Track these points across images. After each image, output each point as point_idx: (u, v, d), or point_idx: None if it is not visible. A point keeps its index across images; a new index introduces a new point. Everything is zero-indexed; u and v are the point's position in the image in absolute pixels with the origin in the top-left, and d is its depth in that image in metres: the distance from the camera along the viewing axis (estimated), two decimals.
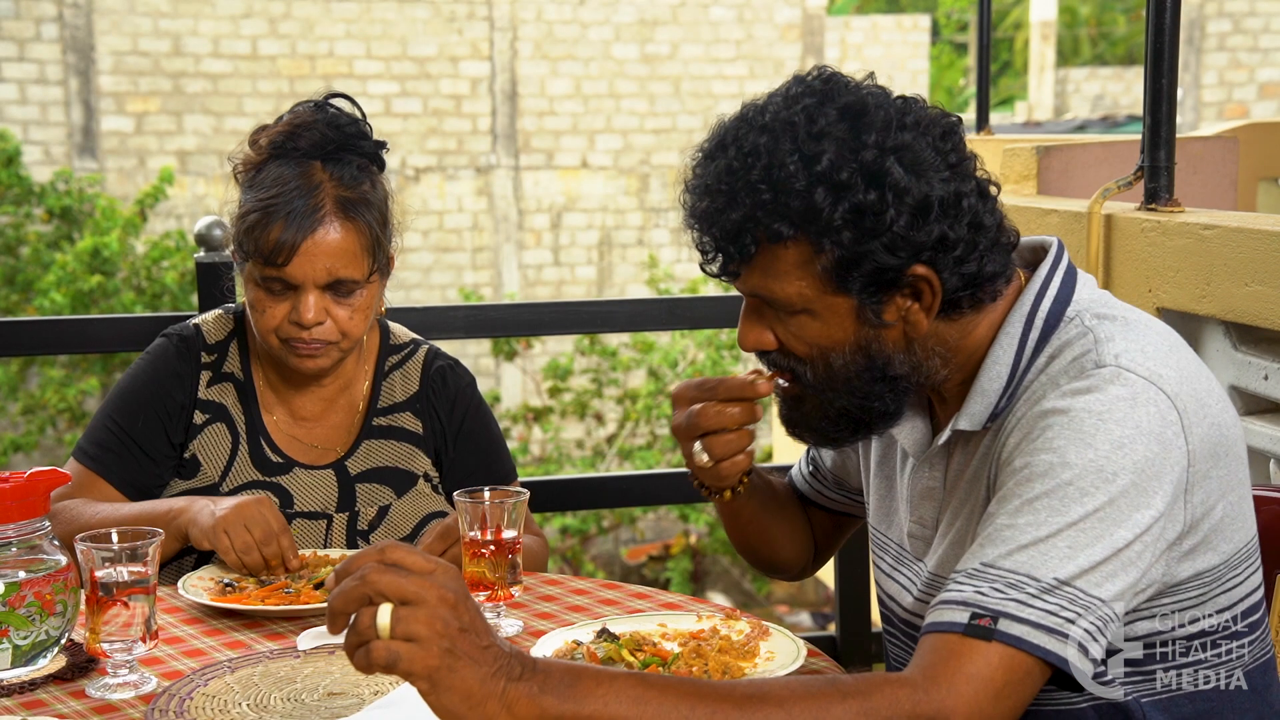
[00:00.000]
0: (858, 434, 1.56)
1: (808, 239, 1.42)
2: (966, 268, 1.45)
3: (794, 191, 1.41)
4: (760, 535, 1.84)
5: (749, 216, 1.43)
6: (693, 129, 11.84)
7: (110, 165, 10.74)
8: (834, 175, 1.40)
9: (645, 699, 1.21)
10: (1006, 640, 1.29)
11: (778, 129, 1.44)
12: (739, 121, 1.49)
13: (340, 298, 2.04)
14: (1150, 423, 1.35)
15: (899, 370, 1.50)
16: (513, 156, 11.55)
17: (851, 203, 1.40)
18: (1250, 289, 2.47)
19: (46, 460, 8.69)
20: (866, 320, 1.46)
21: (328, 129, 2.06)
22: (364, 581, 1.16)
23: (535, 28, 11.56)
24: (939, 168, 1.43)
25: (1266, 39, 12.35)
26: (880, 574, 1.71)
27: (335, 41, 11.13)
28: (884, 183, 1.40)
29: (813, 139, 1.42)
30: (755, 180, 1.43)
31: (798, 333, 1.49)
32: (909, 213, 1.41)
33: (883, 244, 1.41)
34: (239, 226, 2.06)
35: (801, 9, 12.09)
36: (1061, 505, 1.33)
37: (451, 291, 11.12)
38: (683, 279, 10.74)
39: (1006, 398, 1.48)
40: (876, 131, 1.42)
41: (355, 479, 2.16)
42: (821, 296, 1.46)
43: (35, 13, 10.52)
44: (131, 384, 2.16)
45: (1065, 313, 1.48)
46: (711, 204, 1.46)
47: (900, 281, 1.44)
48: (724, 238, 1.46)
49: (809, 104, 1.44)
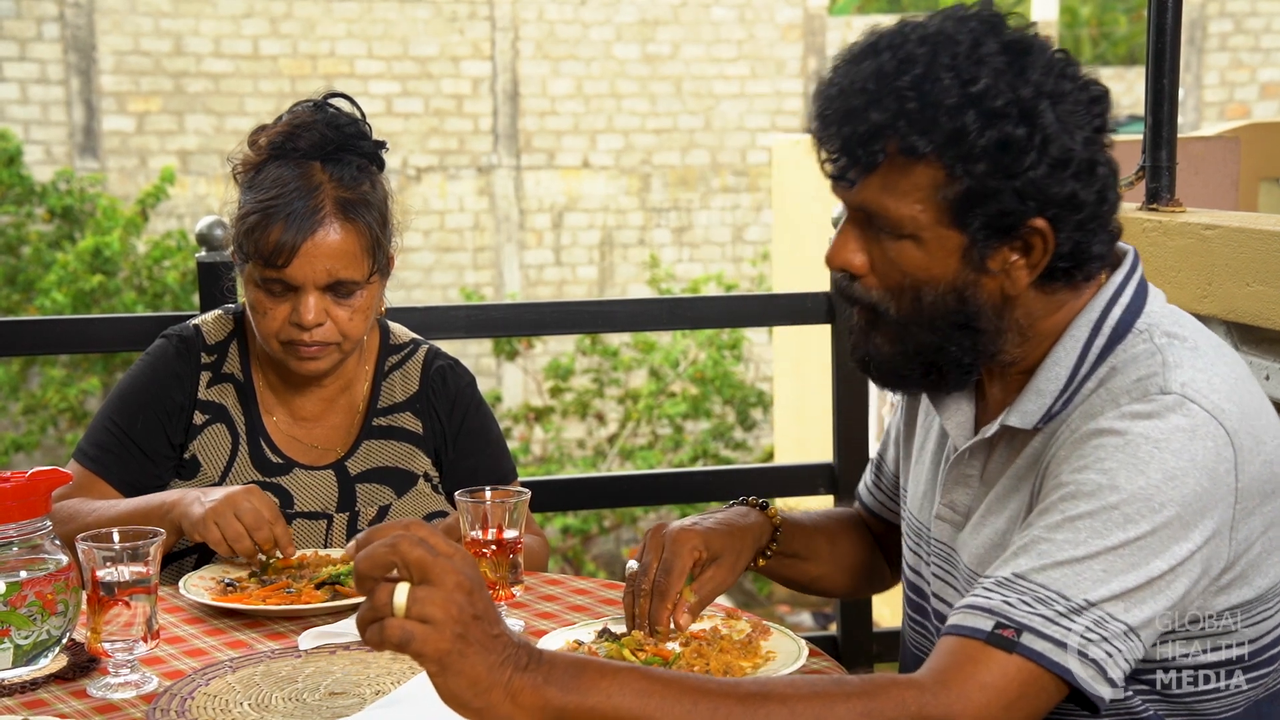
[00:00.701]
0: (927, 379, 1.51)
1: (942, 162, 1.38)
2: (1082, 235, 1.41)
3: (943, 107, 1.36)
4: (808, 579, 1.82)
5: (888, 123, 1.38)
6: (694, 129, 11.83)
7: (111, 165, 10.74)
8: (988, 101, 1.35)
9: (649, 692, 1.22)
10: (1027, 654, 1.28)
11: (939, 43, 1.38)
12: (897, 30, 1.42)
13: (340, 299, 2.04)
14: (1205, 457, 1.33)
15: (983, 325, 1.45)
16: (514, 156, 11.54)
17: (1000, 133, 1.35)
18: (1252, 289, 2.47)
19: (48, 460, 8.68)
20: (970, 262, 1.42)
21: (327, 129, 2.06)
22: (394, 549, 1.16)
23: (536, 27, 11.55)
24: (1085, 128, 1.40)
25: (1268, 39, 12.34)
26: (907, 550, 1.70)
27: (336, 41, 11.12)
28: (1035, 123, 1.36)
29: (973, 62, 1.37)
30: (904, 87, 1.37)
31: (896, 258, 1.44)
32: (1049, 162, 1.37)
33: (1016, 186, 1.37)
34: (239, 228, 2.06)
35: (803, 9, 12.08)
36: (1103, 528, 1.31)
37: (453, 291, 11.11)
38: (684, 279, 10.73)
39: (1062, 402, 1.44)
40: (1038, 71, 1.37)
41: (355, 479, 2.16)
42: (934, 226, 1.41)
43: (36, 12, 10.52)
44: (131, 385, 2.15)
45: (1135, 324, 1.44)
46: (851, 103, 1.40)
47: (1017, 230, 1.40)
48: (855, 140, 1.40)
49: (975, 28, 1.39)
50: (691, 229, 11.83)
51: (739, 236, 11.89)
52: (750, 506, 1.74)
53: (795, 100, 12.07)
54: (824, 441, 3.49)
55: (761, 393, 9.29)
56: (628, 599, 1.65)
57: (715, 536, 1.65)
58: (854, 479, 3.30)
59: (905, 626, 1.72)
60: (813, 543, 1.80)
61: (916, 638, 1.68)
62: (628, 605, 1.65)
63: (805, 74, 12.05)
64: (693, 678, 1.26)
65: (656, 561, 1.62)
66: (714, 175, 11.90)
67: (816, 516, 1.86)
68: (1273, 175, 5.81)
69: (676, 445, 9.18)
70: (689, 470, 6.10)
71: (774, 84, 12.02)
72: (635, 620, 1.63)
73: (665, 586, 1.60)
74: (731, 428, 9.26)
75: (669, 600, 1.60)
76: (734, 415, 9.28)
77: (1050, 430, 1.45)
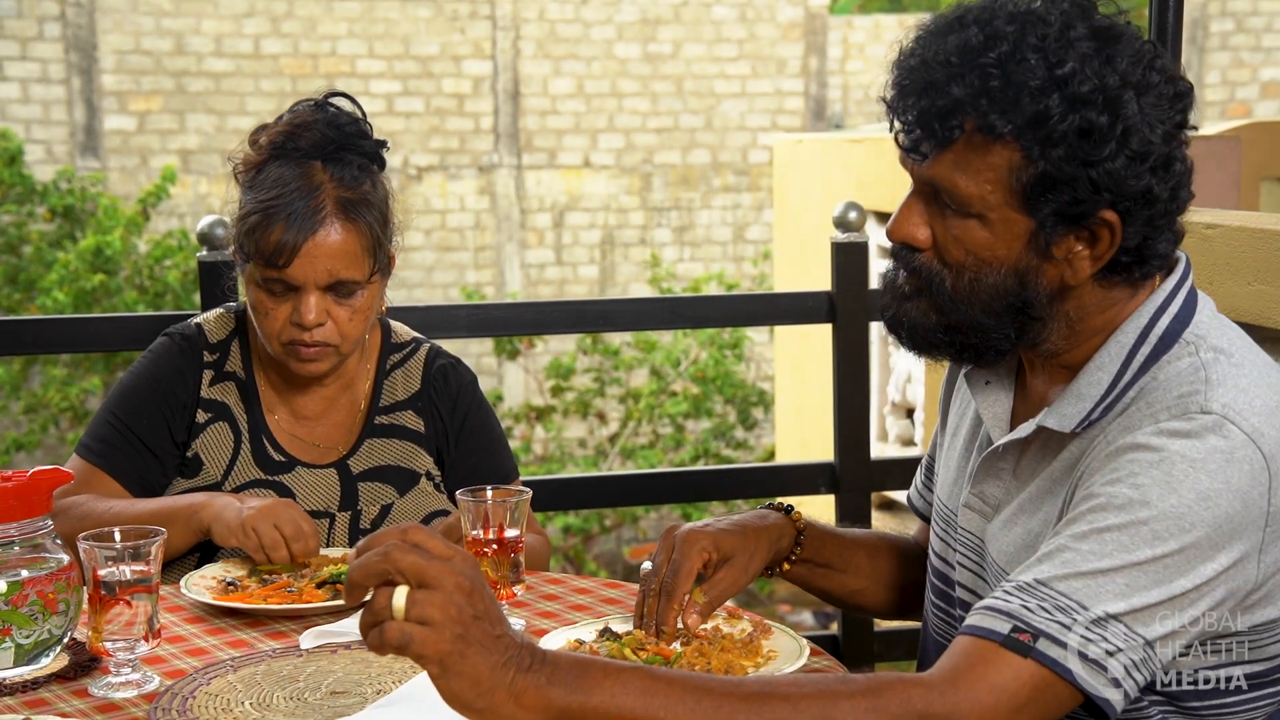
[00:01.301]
0: (960, 355, 1.49)
1: (1020, 144, 1.35)
2: (1150, 231, 1.39)
3: (1027, 88, 1.33)
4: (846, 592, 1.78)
5: (970, 99, 1.35)
6: (695, 128, 11.83)
7: (113, 164, 10.74)
8: (1074, 85, 1.33)
9: (652, 692, 1.21)
10: (1041, 659, 1.27)
11: (1029, 22, 1.35)
12: (986, 5, 1.39)
13: (341, 298, 2.04)
14: (1240, 481, 1.32)
15: (1036, 313, 1.43)
16: (515, 156, 11.54)
17: (1083, 119, 1.33)
18: (1253, 288, 2.47)
19: (49, 459, 8.68)
20: (1035, 247, 1.40)
21: (328, 129, 2.06)
22: (386, 558, 1.16)
23: (537, 27, 11.55)
24: (1166, 123, 1.37)
25: (1269, 38, 12.32)
26: (934, 536, 1.69)
27: (338, 41, 11.12)
28: (1118, 113, 1.34)
29: (1061, 45, 1.34)
30: (989, 64, 1.34)
31: (960, 236, 1.42)
32: (1128, 153, 1.35)
33: (1091, 176, 1.35)
34: (239, 228, 2.05)
35: (804, 8, 12.08)
36: (1130, 543, 1.30)
37: (454, 290, 11.11)
38: (685, 278, 10.73)
39: (1102, 409, 1.42)
40: (1126, 60, 1.35)
41: (357, 478, 2.16)
42: (1003, 208, 1.39)
43: (38, 11, 10.52)
44: (135, 381, 2.15)
45: (1182, 334, 1.42)
46: (933, 75, 1.37)
47: (1086, 220, 1.38)
48: (933, 113, 1.38)
49: (1067, 9, 1.37)
50: (693, 228, 11.83)
51: (740, 236, 11.89)
52: (772, 509, 1.73)
53: (797, 99, 12.07)
54: (825, 441, 3.49)
55: (763, 392, 9.29)
56: (638, 599, 1.65)
57: (726, 538, 1.64)
58: (855, 478, 3.32)
59: (928, 613, 1.70)
60: (850, 555, 1.77)
61: (940, 624, 1.66)
62: (637, 605, 1.64)
63: (806, 73, 12.06)
64: (696, 677, 1.26)
65: (667, 562, 1.62)
66: (715, 174, 11.90)
67: (856, 531, 1.83)
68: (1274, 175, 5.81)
69: (678, 445, 9.17)
70: (690, 470, 6.11)
71: (775, 83, 12.02)
72: (643, 620, 1.62)
73: (673, 587, 1.59)
74: (733, 427, 9.26)
75: (676, 601, 1.59)
76: (735, 414, 9.28)
77: (1088, 437, 1.43)
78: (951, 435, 1.68)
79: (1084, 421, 1.43)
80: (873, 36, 12.55)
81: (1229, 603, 1.35)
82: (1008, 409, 1.56)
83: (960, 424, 1.67)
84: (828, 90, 12.13)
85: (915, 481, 1.86)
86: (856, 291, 3.26)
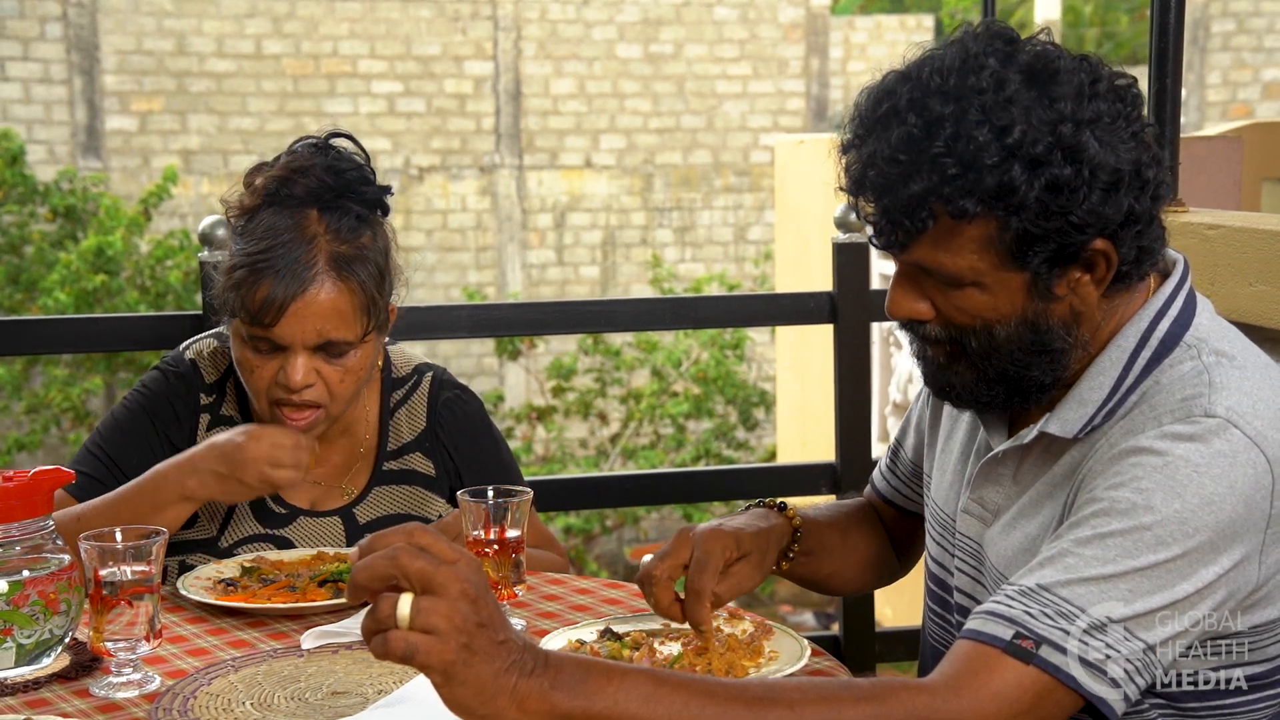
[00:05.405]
0: (1011, 399, 1.48)
1: (993, 215, 1.35)
2: (1142, 241, 1.39)
3: (986, 167, 1.32)
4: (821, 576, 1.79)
5: (931, 190, 1.34)
6: (696, 129, 11.84)
7: (114, 164, 10.74)
8: (1029, 148, 1.32)
9: (655, 697, 1.21)
10: (1044, 666, 1.27)
11: (963, 96, 1.34)
12: (915, 85, 1.37)
13: (332, 358, 1.92)
14: (1243, 484, 1.32)
15: (1058, 345, 1.43)
16: (516, 156, 11.55)
17: (1048, 177, 1.32)
18: (1254, 289, 2.47)
19: (50, 459, 8.69)
20: (1037, 293, 1.40)
21: (326, 174, 1.93)
22: (393, 561, 1.14)
23: (539, 27, 11.56)
24: (1125, 137, 1.37)
25: (1271, 39, 12.32)
26: (931, 542, 1.68)
27: (339, 41, 11.12)
28: (1080, 157, 1.33)
29: (1001, 106, 1.33)
30: (939, 153, 1.33)
31: (960, 304, 1.42)
32: (1100, 188, 1.34)
33: (1072, 220, 1.34)
34: (225, 281, 1.93)
35: (805, 9, 12.08)
36: (1134, 548, 1.30)
37: (455, 291, 11.11)
38: (686, 279, 10.73)
39: (1104, 414, 1.42)
40: (1070, 101, 1.34)
41: (364, 527, 2.07)
42: (994, 271, 1.38)
43: (39, 12, 10.53)
44: (128, 416, 2.06)
45: (1183, 338, 1.42)
46: (888, 174, 1.37)
47: (1079, 256, 1.38)
48: (898, 210, 1.37)
49: (994, 67, 1.35)
50: (694, 229, 11.84)
51: (741, 236, 11.90)
52: (768, 509, 1.73)
53: (798, 100, 12.07)
54: (826, 441, 3.49)
55: (764, 392, 9.30)
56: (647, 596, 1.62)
57: (745, 535, 1.64)
58: (856, 479, 3.31)
59: (926, 619, 1.70)
60: (825, 538, 1.78)
61: (938, 630, 1.66)
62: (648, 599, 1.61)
63: (808, 74, 12.06)
64: (699, 680, 1.25)
65: (676, 557, 1.61)
66: (716, 175, 11.90)
67: (827, 511, 1.83)
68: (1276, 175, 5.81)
69: (679, 445, 9.18)
70: (691, 470, 6.10)
71: (776, 84, 12.03)
72: (663, 609, 1.60)
73: (700, 585, 1.57)
74: (734, 427, 9.27)
75: (705, 598, 1.58)
76: (736, 415, 9.29)
77: (1090, 442, 1.43)
78: (945, 440, 1.68)
79: (1086, 426, 1.43)
80: (874, 37, 12.56)
81: (1229, 603, 1.35)
82: (1007, 416, 1.56)
83: (955, 429, 1.66)
84: (829, 91, 12.14)
85: (880, 465, 1.86)
86: (858, 292, 3.26)
